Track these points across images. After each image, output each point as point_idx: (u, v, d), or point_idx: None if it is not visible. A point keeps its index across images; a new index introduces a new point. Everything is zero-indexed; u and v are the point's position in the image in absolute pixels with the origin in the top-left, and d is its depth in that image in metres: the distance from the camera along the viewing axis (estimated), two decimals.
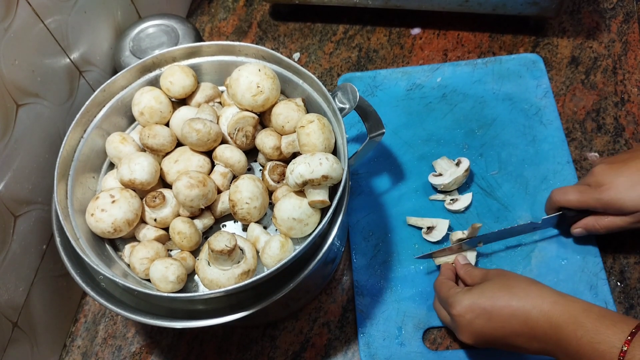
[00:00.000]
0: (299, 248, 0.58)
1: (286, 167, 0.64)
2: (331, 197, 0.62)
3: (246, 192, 0.63)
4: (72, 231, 0.61)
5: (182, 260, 0.63)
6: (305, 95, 0.69)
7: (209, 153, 0.69)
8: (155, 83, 0.71)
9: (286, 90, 0.71)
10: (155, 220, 0.65)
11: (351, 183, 0.82)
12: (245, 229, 0.68)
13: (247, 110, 0.68)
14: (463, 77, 0.90)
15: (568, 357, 0.58)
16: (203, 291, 0.63)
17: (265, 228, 0.66)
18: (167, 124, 0.70)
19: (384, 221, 0.80)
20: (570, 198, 0.71)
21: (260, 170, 0.71)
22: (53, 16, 0.70)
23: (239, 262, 0.61)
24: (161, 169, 0.67)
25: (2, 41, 0.62)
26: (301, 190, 0.63)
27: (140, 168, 0.64)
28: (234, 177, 0.68)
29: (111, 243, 0.66)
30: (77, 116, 0.66)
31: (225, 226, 0.69)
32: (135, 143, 0.68)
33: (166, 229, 0.66)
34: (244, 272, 0.60)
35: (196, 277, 0.65)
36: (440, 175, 0.80)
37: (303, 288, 0.71)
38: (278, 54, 0.69)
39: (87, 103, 0.67)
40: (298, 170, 0.60)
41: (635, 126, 0.84)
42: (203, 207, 0.65)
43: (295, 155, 0.67)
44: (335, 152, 0.65)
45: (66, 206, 0.63)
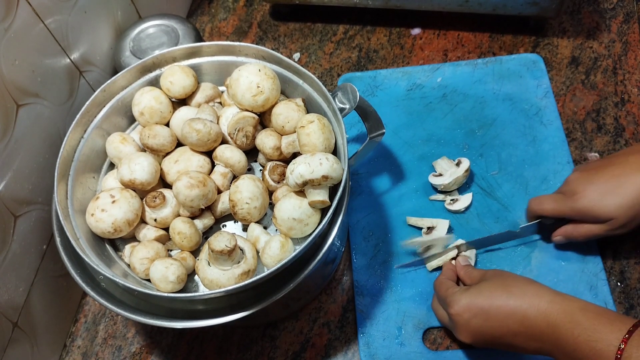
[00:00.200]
0: (299, 248, 0.58)
1: (286, 167, 0.64)
2: (331, 197, 0.63)
3: (246, 192, 0.63)
4: (72, 231, 0.61)
5: (182, 260, 0.63)
6: (305, 95, 0.69)
7: (209, 153, 0.69)
8: (155, 83, 0.71)
9: (286, 90, 0.71)
10: (155, 220, 0.65)
11: (351, 183, 0.82)
12: (245, 229, 0.68)
13: (247, 110, 0.68)
14: (463, 77, 0.90)
15: (565, 356, 0.58)
16: (203, 291, 0.63)
17: (265, 228, 0.66)
18: (167, 124, 0.70)
19: (384, 221, 0.80)
20: (545, 207, 0.71)
21: (260, 170, 0.71)
22: (53, 16, 0.70)
23: (239, 262, 0.61)
24: (161, 169, 0.67)
25: (2, 41, 0.62)
26: (301, 190, 0.63)
27: (140, 168, 0.64)
28: (234, 177, 0.68)
29: (111, 243, 0.66)
30: (77, 116, 0.66)
31: (225, 226, 0.69)
32: (135, 143, 0.68)
33: (166, 229, 0.66)
34: (244, 272, 0.60)
35: (196, 277, 0.65)
36: (440, 175, 0.80)
37: (303, 288, 0.71)
38: (278, 54, 0.69)
39: (87, 103, 0.67)
40: (298, 170, 0.60)
41: (635, 126, 0.84)
42: (203, 207, 0.65)
43: (295, 155, 0.67)
44: (335, 152, 0.65)
45: (66, 206, 0.63)
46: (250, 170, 0.71)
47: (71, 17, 0.74)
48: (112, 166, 0.70)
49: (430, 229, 0.77)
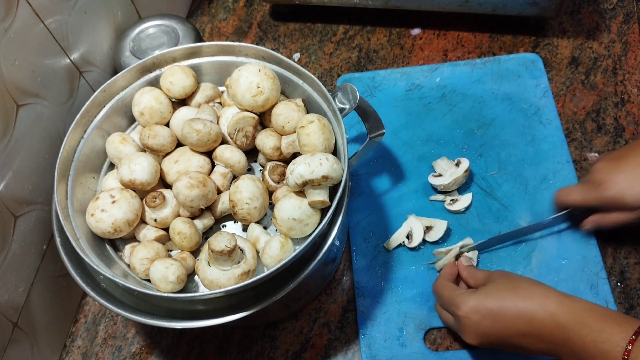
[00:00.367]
0: (299, 248, 0.58)
1: (286, 168, 0.64)
2: (331, 198, 0.63)
3: (246, 193, 0.63)
4: (72, 231, 0.61)
5: (182, 260, 0.63)
6: (305, 95, 0.69)
7: (209, 153, 0.69)
8: (155, 83, 0.71)
9: (286, 90, 0.71)
10: (155, 220, 0.65)
11: (351, 184, 0.82)
12: (245, 229, 0.68)
13: (247, 110, 0.68)
14: (462, 77, 0.90)
15: (573, 357, 0.58)
16: (203, 291, 0.63)
17: (265, 228, 0.66)
18: (167, 124, 0.70)
19: (384, 222, 0.80)
20: (573, 198, 0.72)
21: (260, 170, 0.71)
22: (53, 16, 0.70)
23: (239, 263, 0.61)
24: (161, 169, 0.67)
25: (3, 41, 0.62)
26: (301, 190, 0.63)
27: (140, 168, 0.64)
28: (234, 178, 0.68)
29: (111, 243, 0.66)
30: (77, 116, 0.66)
31: (225, 226, 0.69)
32: (135, 143, 0.68)
33: (166, 229, 0.66)
34: (244, 273, 0.60)
35: (196, 278, 0.65)
36: (440, 175, 0.80)
37: (303, 288, 0.71)
38: (278, 55, 0.69)
39: (87, 103, 0.67)
40: (298, 170, 0.60)
41: (635, 126, 0.84)
42: (203, 208, 0.65)
43: (295, 155, 0.67)
44: (335, 153, 0.65)
45: (66, 206, 0.63)
46: (250, 170, 0.71)
47: (71, 18, 0.74)
48: (112, 166, 0.70)
49: (428, 229, 0.77)
